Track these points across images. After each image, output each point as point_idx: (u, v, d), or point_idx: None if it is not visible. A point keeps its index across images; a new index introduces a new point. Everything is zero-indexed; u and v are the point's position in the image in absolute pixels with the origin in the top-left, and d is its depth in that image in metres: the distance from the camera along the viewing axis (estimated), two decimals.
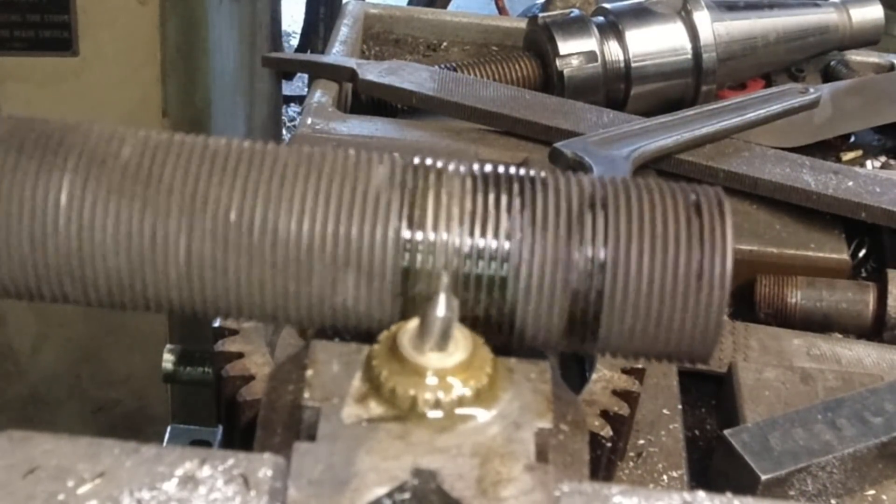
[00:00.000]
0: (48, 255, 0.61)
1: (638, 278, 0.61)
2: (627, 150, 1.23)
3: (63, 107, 1.80)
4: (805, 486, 0.89)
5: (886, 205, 1.24)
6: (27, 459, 0.53)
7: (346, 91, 1.47)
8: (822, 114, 1.47)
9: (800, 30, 1.56)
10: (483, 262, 0.61)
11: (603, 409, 0.84)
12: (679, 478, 0.92)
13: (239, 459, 0.54)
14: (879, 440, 0.91)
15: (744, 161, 1.31)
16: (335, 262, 0.61)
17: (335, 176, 0.62)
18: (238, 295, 0.63)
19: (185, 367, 1.02)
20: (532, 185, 0.63)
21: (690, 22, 1.49)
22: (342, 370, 0.59)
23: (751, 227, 1.26)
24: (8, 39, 1.75)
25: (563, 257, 0.61)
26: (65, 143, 0.62)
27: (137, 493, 0.52)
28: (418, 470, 0.53)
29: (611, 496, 0.54)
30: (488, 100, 1.39)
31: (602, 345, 0.63)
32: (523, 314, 0.62)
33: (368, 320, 0.63)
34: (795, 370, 1.04)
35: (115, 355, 2.03)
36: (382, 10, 1.72)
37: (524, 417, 0.57)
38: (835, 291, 1.19)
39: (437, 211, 0.62)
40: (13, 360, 2.01)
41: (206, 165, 0.61)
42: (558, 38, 1.47)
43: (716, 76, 1.50)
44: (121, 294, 0.64)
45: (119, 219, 0.61)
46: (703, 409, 1.10)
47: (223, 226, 0.61)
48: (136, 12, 1.76)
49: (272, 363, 0.83)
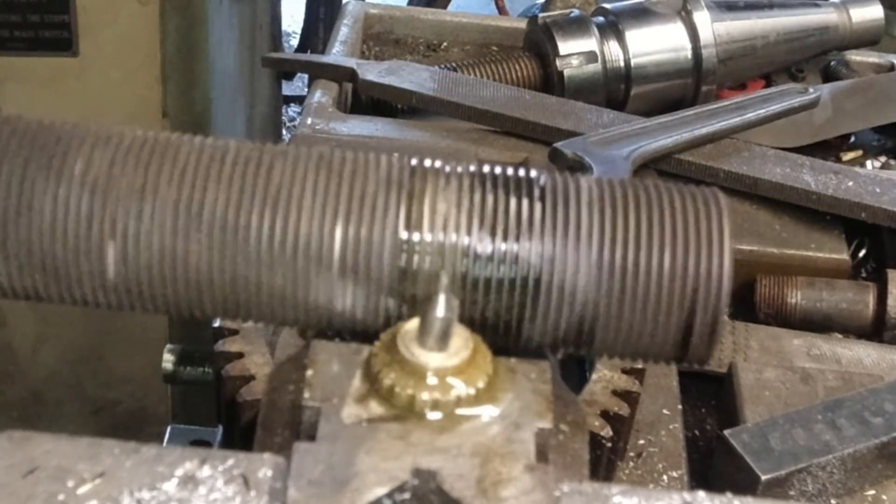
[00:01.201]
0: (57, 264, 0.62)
1: (638, 279, 0.61)
2: (627, 150, 1.23)
3: (63, 107, 1.80)
4: (805, 486, 0.89)
5: (886, 205, 1.24)
6: (27, 459, 0.53)
7: (346, 91, 1.47)
8: (822, 114, 1.47)
9: (800, 30, 1.56)
10: (482, 262, 0.61)
11: (603, 409, 0.84)
12: (679, 478, 0.92)
13: (239, 459, 0.54)
14: (879, 440, 0.91)
15: (744, 161, 1.31)
16: (334, 263, 0.61)
17: (334, 177, 0.62)
18: (237, 299, 0.63)
19: (185, 367, 1.02)
20: (531, 187, 0.63)
21: (690, 22, 1.49)
22: (342, 370, 0.59)
23: (751, 227, 1.26)
24: (8, 39, 1.75)
25: (563, 257, 0.61)
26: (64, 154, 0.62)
27: (137, 493, 0.52)
28: (418, 470, 0.54)
29: (611, 496, 0.54)
30: (488, 100, 1.39)
31: (602, 346, 0.63)
32: (522, 315, 0.62)
33: (368, 321, 0.63)
34: (795, 370, 1.04)
35: (115, 355, 2.03)
36: (382, 10, 1.72)
37: (524, 417, 0.57)
38: (835, 291, 1.19)
39: (436, 211, 0.62)
40: (13, 360, 2.01)
41: (202, 174, 0.61)
42: (558, 38, 1.47)
43: (716, 76, 1.50)
44: (119, 304, 0.64)
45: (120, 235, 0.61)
46: (703, 409, 1.10)
47: (220, 235, 0.61)
48: (136, 12, 1.76)
49: (272, 363, 0.83)
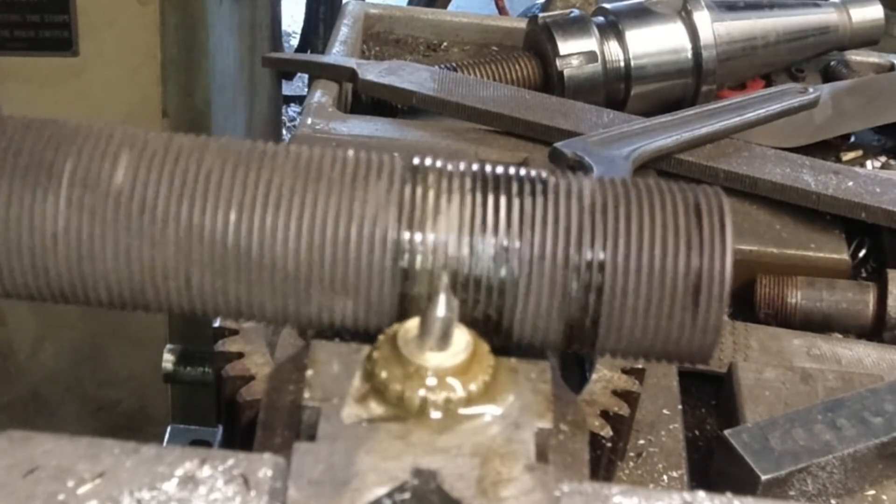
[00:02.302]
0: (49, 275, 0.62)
1: (638, 279, 0.61)
2: (627, 150, 1.23)
3: (63, 107, 1.80)
4: (805, 486, 0.89)
5: (886, 205, 1.24)
6: (27, 459, 0.53)
7: (346, 91, 1.47)
8: (822, 114, 1.47)
9: (800, 30, 1.56)
10: (482, 263, 0.61)
11: (603, 409, 0.84)
12: (679, 478, 0.92)
13: (239, 459, 0.53)
14: (879, 440, 0.91)
15: (744, 161, 1.31)
16: (335, 264, 0.61)
17: (334, 177, 0.62)
18: (238, 304, 0.63)
19: (185, 367, 1.02)
20: (532, 186, 0.63)
21: (690, 22, 1.49)
22: (342, 370, 0.59)
23: (751, 227, 1.26)
24: (8, 39, 1.75)
25: (563, 258, 0.61)
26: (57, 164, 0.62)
27: (137, 493, 0.52)
28: (418, 470, 0.53)
29: (611, 496, 0.54)
30: (488, 100, 1.39)
31: (602, 346, 0.63)
32: (522, 316, 0.62)
33: (368, 321, 0.63)
34: (795, 370, 1.04)
35: (115, 355, 2.03)
36: (382, 10, 1.72)
37: (524, 417, 0.57)
38: (835, 291, 1.19)
39: (436, 212, 0.62)
40: (13, 360, 2.01)
41: (201, 186, 0.61)
42: (558, 38, 1.47)
43: (716, 76, 1.50)
44: (121, 304, 0.64)
45: (117, 249, 0.61)
46: (703, 409, 1.10)
47: (221, 245, 0.61)
48: (136, 12, 1.76)
49: (272, 363, 0.83)
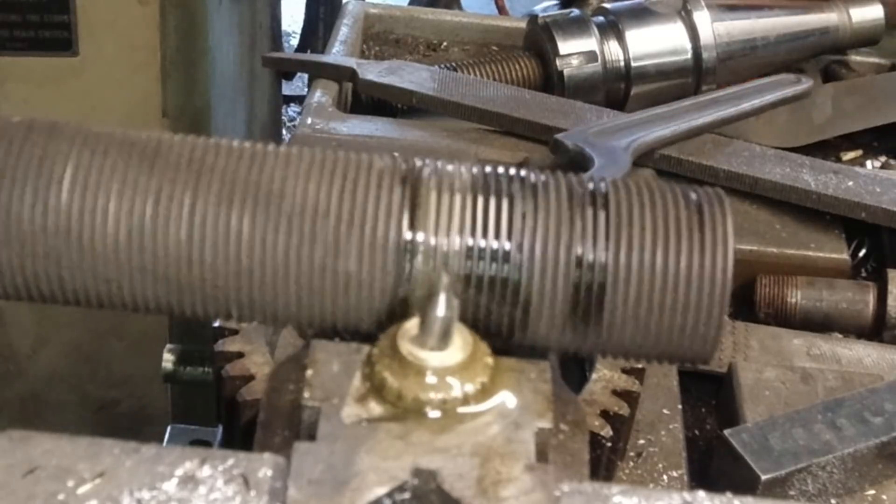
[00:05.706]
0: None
1: (639, 279, 0.61)
2: (627, 141, 1.23)
3: (63, 107, 1.79)
4: (805, 486, 0.89)
5: (886, 205, 1.24)
6: (27, 459, 0.53)
7: (346, 91, 1.47)
8: (822, 114, 1.47)
9: (800, 30, 1.57)
10: (483, 262, 0.61)
11: (603, 409, 0.84)
12: (679, 478, 0.91)
13: (239, 459, 0.53)
14: (879, 440, 0.91)
15: (744, 161, 1.31)
16: (336, 264, 0.61)
17: (335, 178, 0.62)
18: (239, 305, 0.63)
19: (185, 367, 1.02)
20: (532, 186, 0.63)
21: (690, 22, 1.49)
22: (342, 370, 0.59)
23: (751, 227, 1.26)
24: (8, 39, 1.75)
25: (564, 259, 0.61)
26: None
27: (137, 493, 0.52)
28: (418, 470, 0.53)
29: (611, 496, 0.54)
30: (488, 100, 1.39)
31: (603, 346, 0.63)
32: (523, 315, 0.62)
33: (368, 321, 0.63)
34: (795, 370, 1.04)
35: (115, 355, 2.02)
36: (382, 9, 1.72)
37: (524, 417, 0.57)
38: (835, 291, 1.19)
39: (437, 211, 0.62)
40: (13, 361, 2.01)
41: (203, 191, 0.61)
42: (558, 38, 1.47)
43: (716, 76, 1.50)
44: (122, 306, 0.64)
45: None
46: (703, 409, 1.10)
47: (223, 253, 0.61)
48: (136, 12, 1.76)
49: (272, 363, 0.83)
